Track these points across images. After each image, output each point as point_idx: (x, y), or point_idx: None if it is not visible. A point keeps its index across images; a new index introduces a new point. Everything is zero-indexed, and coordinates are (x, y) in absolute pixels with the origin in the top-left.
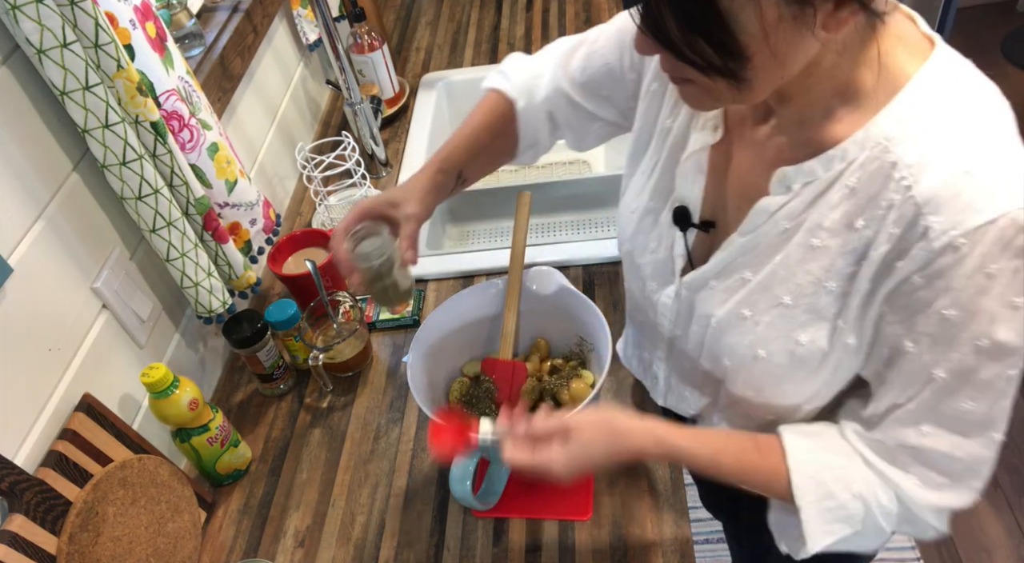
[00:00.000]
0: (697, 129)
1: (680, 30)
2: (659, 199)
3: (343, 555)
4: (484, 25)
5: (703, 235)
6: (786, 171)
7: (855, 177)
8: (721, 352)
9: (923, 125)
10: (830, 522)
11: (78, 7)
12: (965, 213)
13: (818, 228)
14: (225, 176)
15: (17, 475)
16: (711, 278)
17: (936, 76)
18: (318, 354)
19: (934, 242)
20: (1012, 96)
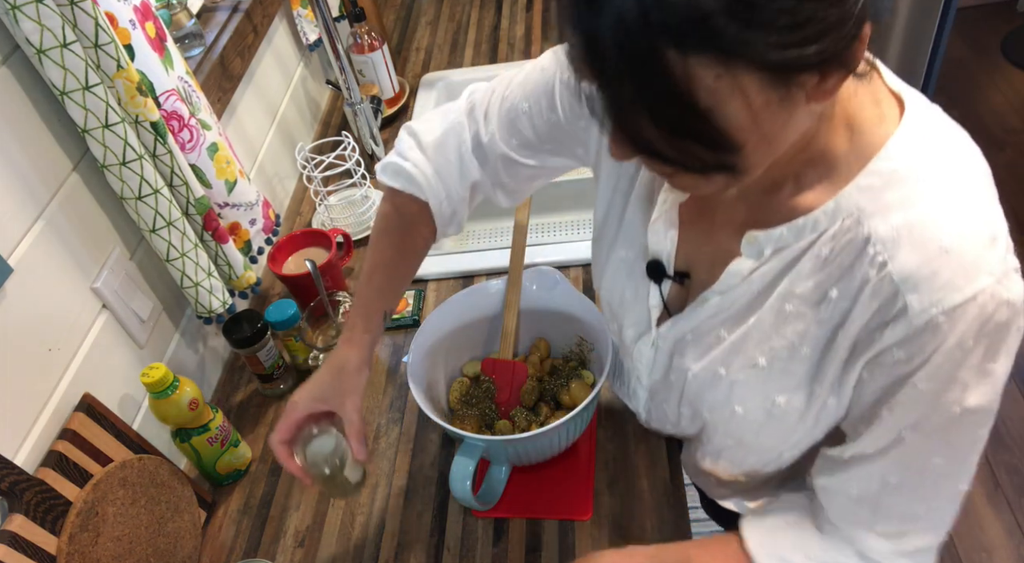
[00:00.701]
0: (665, 187)
1: (663, 137)
2: (631, 249)
3: (343, 555)
4: (484, 25)
5: (678, 286)
6: (756, 235)
7: (827, 248)
8: (700, 405)
9: (896, 198)
10: None
11: (78, 7)
12: (944, 291)
13: (791, 295)
14: (225, 176)
15: (17, 475)
16: (687, 332)
17: (907, 142)
18: (318, 354)
19: (914, 320)
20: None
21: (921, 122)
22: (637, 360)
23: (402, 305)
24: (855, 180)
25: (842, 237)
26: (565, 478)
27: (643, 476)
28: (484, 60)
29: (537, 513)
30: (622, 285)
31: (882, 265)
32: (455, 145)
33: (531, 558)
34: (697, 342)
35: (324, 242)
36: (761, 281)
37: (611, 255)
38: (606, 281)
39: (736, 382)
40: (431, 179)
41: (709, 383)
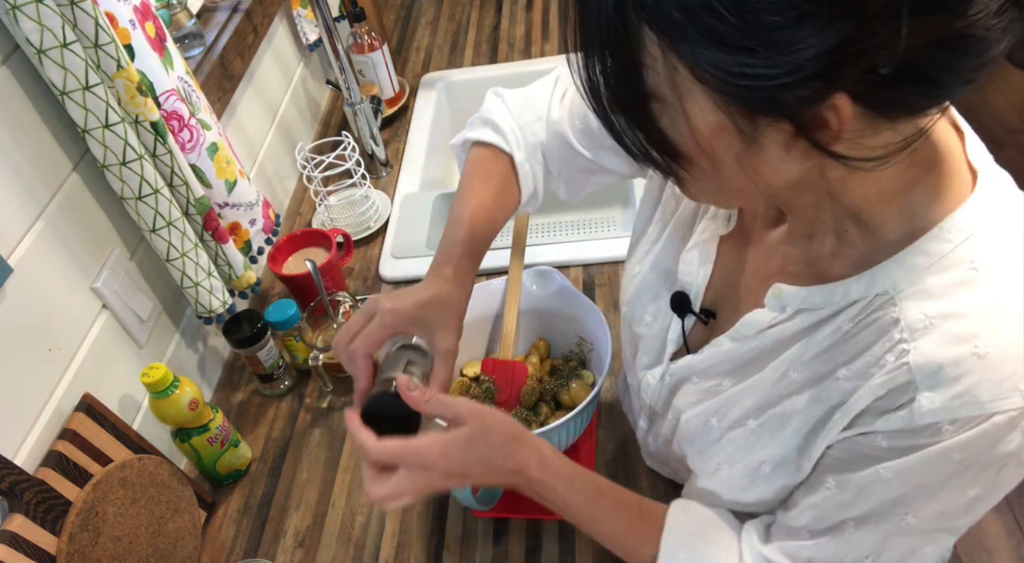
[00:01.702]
0: (709, 215)
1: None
2: (660, 275)
3: (343, 555)
4: (484, 25)
5: (702, 324)
6: (782, 289)
7: (851, 322)
8: (687, 452)
9: (938, 285)
10: None
11: (78, 7)
12: (962, 399)
13: (799, 362)
14: (225, 176)
15: (17, 475)
16: (695, 374)
17: (968, 227)
18: (318, 354)
19: (917, 419)
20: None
21: (993, 205)
22: (643, 390)
23: None
24: (898, 255)
25: (870, 315)
26: None
27: (643, 476)
28: (484, 60)
29: (537, 513)
30: (643, 307)
31: (903, 352)
32: (535, 112)
33: (531, 558)
34: (700, 386)
35: (324, 242)
36: (775, 338)
37: (639, 272)
38: (629, 297)
39: (726, 437)
40: (514, 136)
41: (700, 432)
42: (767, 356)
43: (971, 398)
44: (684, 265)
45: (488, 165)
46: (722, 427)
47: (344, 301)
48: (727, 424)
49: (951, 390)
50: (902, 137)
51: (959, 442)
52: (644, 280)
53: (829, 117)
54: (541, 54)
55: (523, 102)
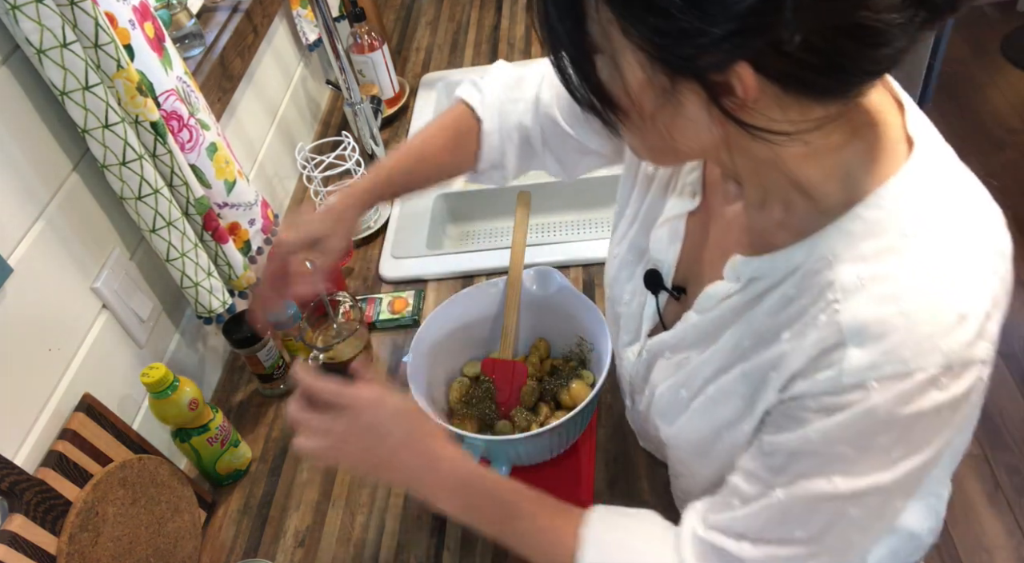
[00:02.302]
0: (675, 193)
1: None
2: (635, 254)
3: (343, 555)
4: (484, 25)
5: (674, 301)
6: (736, 260)
7: (794, 287)
8: (660, 421)
9: (871, 249)
10: None
11: (78, 7)
12: (887, 356)
13: (750, 329)
14: (224, 176)
15: (17, 475)
16: (667, 349)
17: (901, 194)
18: (318, 354)
19: (845, 378)
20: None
21: (927, 172)
22: (623, 367)
23: (402, 305)
24: (836, 222)
25: (810, 278)
26: (565, 478)
27: (643, 476)
28: (484, 60)
29: None
30: (623, 286)
31: (834, 312)
32: (521, 92)
33: None
34: (671, 360)
35: None
36: (731, 308)
37: (618, 253)
38: (610, 278)
39: (691, 408)
40: (492, 107)
41: (672, 404)
42: (724, 326)
43: (895, 356)
44: (655, 242)
45: (454, 119)
46: (688, 397)
47: (344, 301)
48: (692, 394)
49: (877, 347)
50: (811, 118)
51: (883, 400)
52: (622, 260)
53: (735, 85)
54: (541, 54)
55: (514, 81)
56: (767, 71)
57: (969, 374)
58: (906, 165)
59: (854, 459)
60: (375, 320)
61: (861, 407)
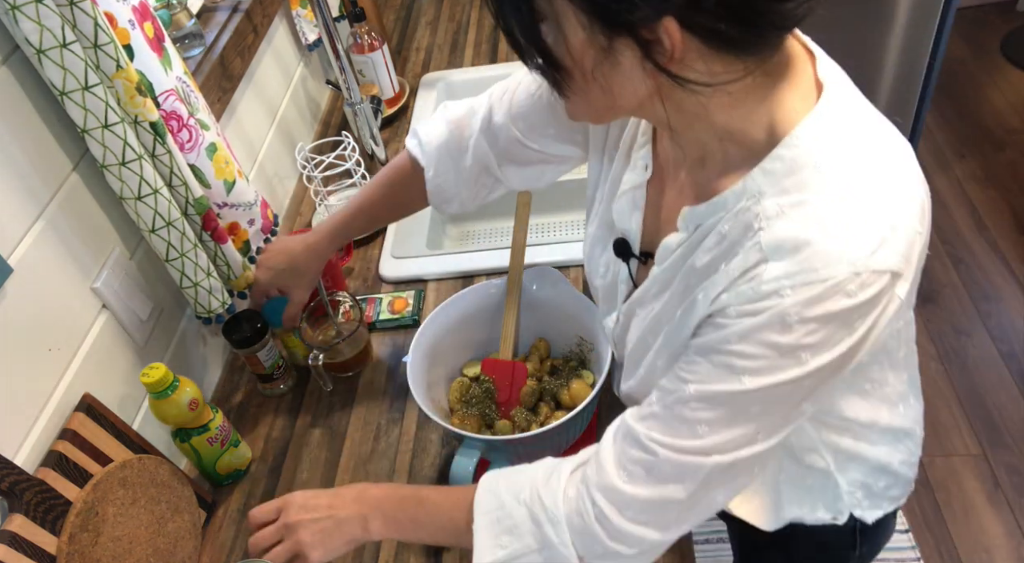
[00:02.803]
0: (631, 168)
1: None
2: (605, 229)
3: (343, 555)
4: (484, 25)
5: (643, 266)
6: (685, 211)
7: (728, 225)
8: (632, 372)
9: (791, 183)
10: (498, 534)
11: (77, 7)
12: (801, 266)
13: (693, 269)
14: (224, 176)
15: (17, 475)
16: (637, 306)
17: (812, 133)
18: (318, 354)
19: (764, 285)
20: (1012, 96)
21: (835, 112)
22: (605, 336)
23: (402, 305)
24: (762, 164)
25: (741, 216)
26: None
27: None
28: (484, 60)
29: None
30: (597, 261)
31: (757, 233)
32: (468, 123)
33: None
34: (640, 315)
35: None
36: (682, 255)
37: (590, 230)
38: (586, 254)
39: (652, 349)
40: (433, 149)
41: (642, 352)
42: (675, 272)
43: (808, 265)
44: (616, 214)
45: (396, 173)
46: (652, 341)
47: (344, 301)
48: (655, 337)
49: (793, 259)
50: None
51: (793, 302)
52: (595, 237)
53: (664, 39)
54: None
55: (463, 114)
56: (691, 27)
57: (877, 282)
58: (816, 107)
59: (763, 357)
60: (375, 320)
61: (775, 310)
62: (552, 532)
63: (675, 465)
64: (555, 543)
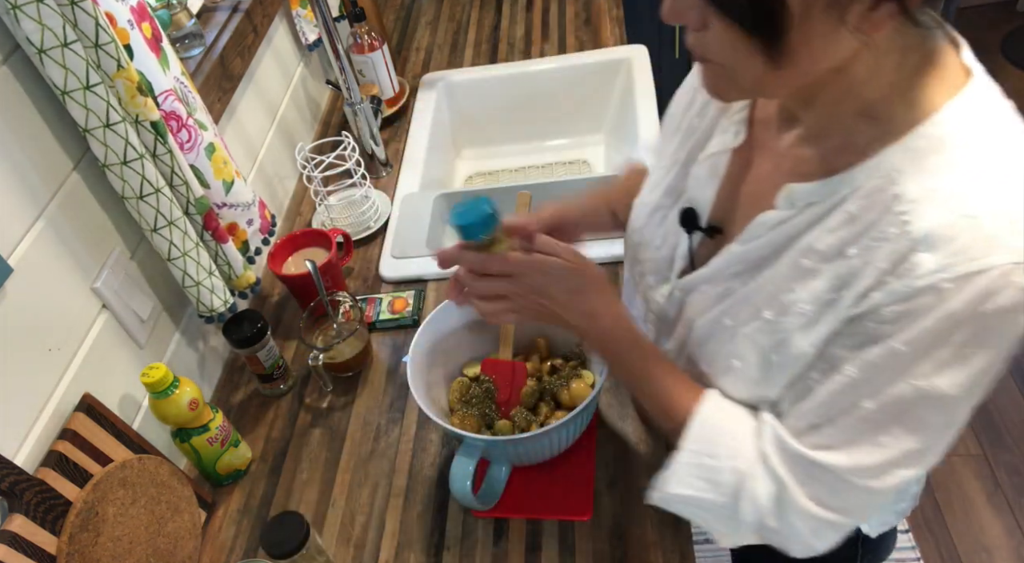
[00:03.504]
0: (720, 131)
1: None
2: (671, 197)
3: (343, 555)
4: (484, 25)
5: (708, 240)
6: (793, 188)
7: (857, 205)
8: (699, 357)
9: (935, 163)
10: (696, 476)
11: (78, 7)
12: (958, 257)
13: (810, 250)
14: (222, 176)
15: (17, 475)
16: (703, 283)
17: (961, 114)
18: (318, 354)
19: (918, 281)
20: (1012, 96)
21: (981, 97)
22: (650, 310)
23: (402, 305)
24: (902, 141)
25: (874, 195)
26: (565, 478)
27: (643, 476)
28: (484, 60)
29: (537, 513)
30: (653, 231)
31: (904, 223)
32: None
33: (531, 558)
34: (710, 293)
35: (324, 242)
36: (785, 234)
37: (649, 199)
38: (638, 224)
39: (738, 334)
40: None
41: (712, 334)
42: (779, 251)
43: (964, 255)
44: (693, 180)
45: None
46: (735, 325)
47: (344, 301)
48: (739, 321)
49: (947, 249)
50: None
51: (962, 300)
52: (655, 206)
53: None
54: (541, 54)
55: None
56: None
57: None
58: (965, 89)
59: (939, 361)
60: (375, 320)
61: (942, 310)
62: (748, 512)
63: (857, 490)
64: (742, 518)
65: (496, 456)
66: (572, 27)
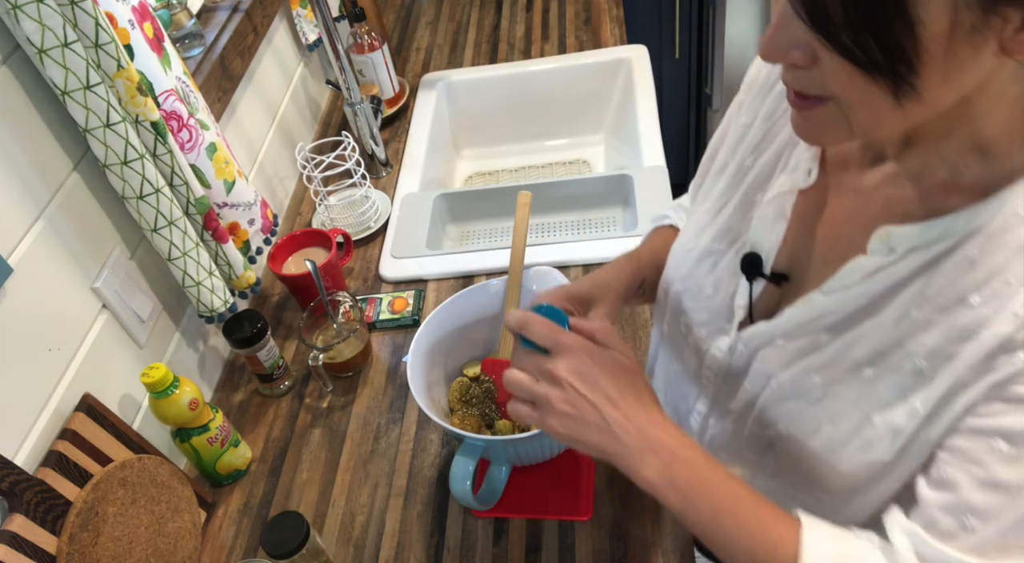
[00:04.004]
0: (786, 170)
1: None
2: (725, 241)
3: (343, 555)
4: (484, 25)
5: (772, 287)
6: (891, 231)
7: (978, 248)
8: (777, 417)
9: None
10: None
11: (78, 7)
12: None
13: (922, 298)
14: (223, 176)
15: (17, 475)
16: (778, 336)
17: None
18: (318, 354)
19: None
20: None
21: None
22: (707, 366)
23: (402, 305)
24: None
25: (998, 238)
26: (565, 478)
27: None
28: (484, 60)
29: (537, 513)
30: (702, 278)
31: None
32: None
33: (531, 558)
34: (789, 347)
35: (324, 242)
36: (885, 282)
37: (695, 244)
38: (682, 269)
39: (829, 393)
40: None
41: (795, 392)
42: (879, 301)
43: None
44: (758, 221)
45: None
46: (825, 383)
47: (344, 301)
48: (831, 379)
49: None
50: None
51: None
52: (704, 251)
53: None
54: (541, 54)
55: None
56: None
57: None
58: None
59: None
60: (375, 320)
61: None
62: None
63: None
64: None
65: (496, 456)
66: (572, 27)
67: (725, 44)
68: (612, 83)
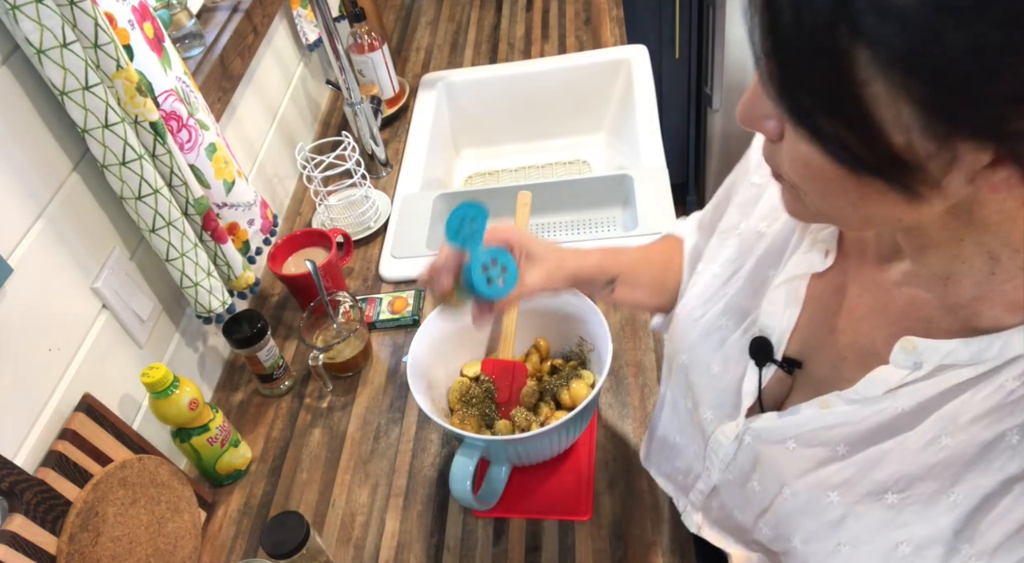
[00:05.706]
0: (802, 249)
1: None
2: (732, 318)
3: (343, 555)
4: (484, 25)
5: (783, 374)
6: (917, 344)
7: (1018, 381)
8: (792, 531)
9: None
10: None
11: (77, 7)
12: None
13: (953, 426)
14: (223, 176)
15: (17, 475)
16: (791, 437)
17: None
18: (318, 354)
19: None
20: None
21: None
22: (712, 450)
23: (402, 305)
24: None
25: None
26: (565, 478)
27: (643, 476)
28: (484, 60)
29: (537, 513)
30: (709, 354)
31: None
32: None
33: (531, 558)
34: (803, 453)
35: (324, 242)
36: (911, 400)
37: (703, 315)
38: (688, 339)
39: (851, 515)
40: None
41: (811, 508)
42: (904, 420)
43: None
44: (768, 304)
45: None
46: (846, 502)
47: (344, 301)
48: (854, 498)
49: None
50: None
51: None
52: (711, 325)
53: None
54: (541, 54)
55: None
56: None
57: None
58: None
59: None
60: (375, 320)
61: None
62: None
63: None
64: None
65: (496, 456)
66: (572, 27)
67: (725, 44)
68: (612, 83)
